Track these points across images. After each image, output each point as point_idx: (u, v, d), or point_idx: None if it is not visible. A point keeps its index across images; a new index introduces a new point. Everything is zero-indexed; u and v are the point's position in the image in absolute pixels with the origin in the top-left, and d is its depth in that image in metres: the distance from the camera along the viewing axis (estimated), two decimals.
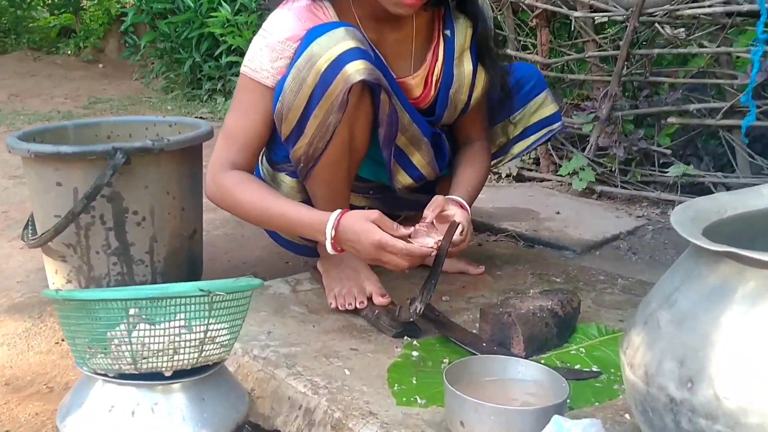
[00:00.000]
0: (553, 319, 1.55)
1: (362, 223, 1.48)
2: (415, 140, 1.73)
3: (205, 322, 1.10)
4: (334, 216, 1.51)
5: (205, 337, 1.11)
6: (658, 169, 2.73)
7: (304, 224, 1.55)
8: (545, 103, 1.94)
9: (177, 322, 1.09)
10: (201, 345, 1.12)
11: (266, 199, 1.60)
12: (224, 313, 1.14)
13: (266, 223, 1.65)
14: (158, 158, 1.75)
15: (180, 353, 1.12)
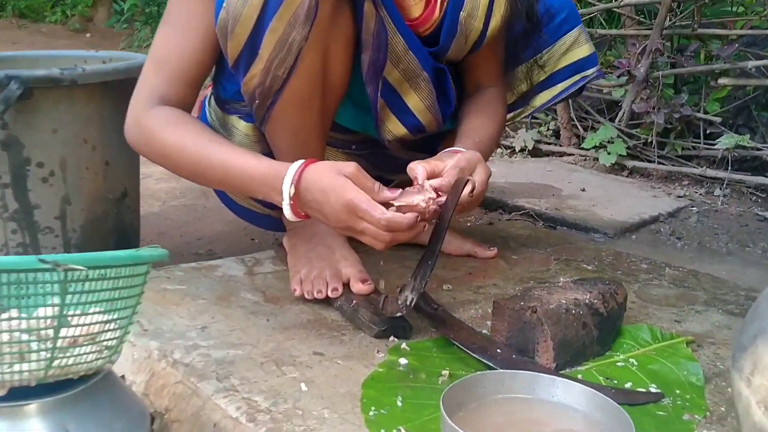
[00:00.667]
0: (593, 318, 1.13)
1: (332, 178, 1.06)
2: (412, 75, 1.30)
3: (53, 312, 0.68)
4: (294, 167, 1.09)
5: (55, 336, 0.69)
6: (702, 141, 2.30)
7: (253, 177, 1.13)
8: (578, 42, 1.52)
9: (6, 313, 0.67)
10: (52, 349, 0.70)
11: (203, 144, 1.17)
12: (94, 298, 0.72)
13: (203, 176, 1.21)
14: (71, 94, 1.32)
15: (17, 361, 0.70)
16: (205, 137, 1.19)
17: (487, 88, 1.46)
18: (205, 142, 1.18)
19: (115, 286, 0.73)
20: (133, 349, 1.08)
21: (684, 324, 1.29)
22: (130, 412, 0.84)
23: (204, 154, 1.16)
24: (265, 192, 1.13)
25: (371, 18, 1.18)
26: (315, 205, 1.08)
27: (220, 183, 1.23)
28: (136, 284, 0.77)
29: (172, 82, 1.21)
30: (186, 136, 1.18)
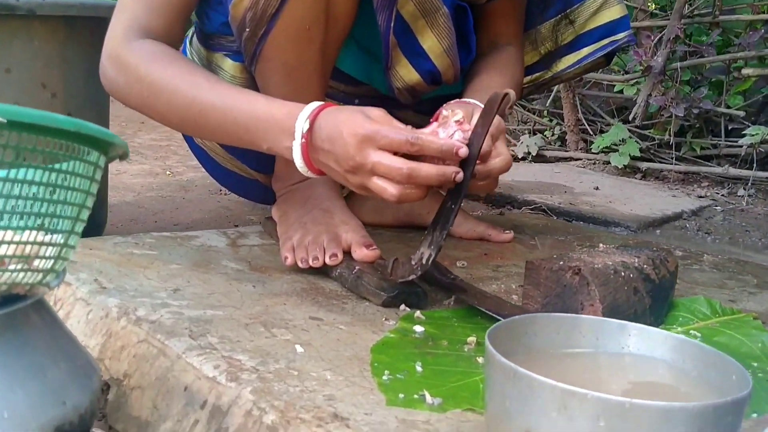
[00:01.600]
0: (645, 284, 0.95)
1: (352, 112, 0.88)
2: (430, 9, 1.12)
3: None
4: (312, 105, 0.91)
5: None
6: (724, 138, 2.14)
7: (259, 117, 0.93)
8: (609, 2, 1.35)
9: None
10: None
11: (197, 83, 0.98)
12: (19, 177, 0.52)
13: (195, 121, 1.01)
14: (29, 27, 1.13)
15: None
16: (199, 75, 1.00)
17: (505, 46, 1.28)
18: (200, 80, 0.99)
19: (53, 167, 0.53)
20: (87, 308, 0.88)
21: (740, 304, 1.10)
22: (73, 361, 0.63)
23: (199, 95, 0.97)
24: (273, 134, 0.93)
25: None
26: (327, 146, 0.88)
27: (216, 129, 1.01)
28: (86, 175, 0.57)
29: (155, 10, 1.02)
30: (176, 74, 0.98)
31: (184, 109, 0.99)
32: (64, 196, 0.56)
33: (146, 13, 1.03)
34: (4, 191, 0.51)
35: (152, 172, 2.25)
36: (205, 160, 1.32)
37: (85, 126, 0.54)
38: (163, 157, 2.59)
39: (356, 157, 0.87)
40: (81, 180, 0.58)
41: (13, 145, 0.51)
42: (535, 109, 2.75)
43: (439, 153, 0.85)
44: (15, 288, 0.56)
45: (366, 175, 0.88)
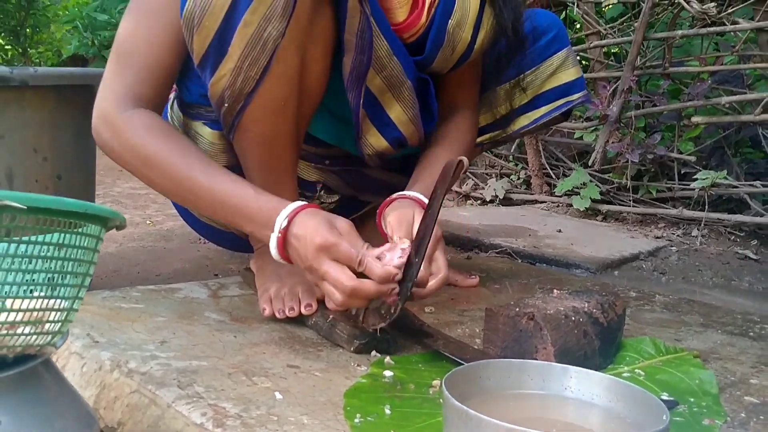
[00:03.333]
0: (594, 328, 1.04)
1: (321, 221, 0.99)
2: (395, 83, 1.21)
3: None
4: (291, 207, 1.01)
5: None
6: (677, 182, 2.26)
7: (246, 207, 1.04)
8: (565, 64, 1.45)
9: None
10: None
11: (190, 162, 1.07)
12: (37, 252, 0.60)
13: (183, 197, 1.11)
14: (21, 97, 1.21)
15: None
16: (194, 156, 1.08)
17: (460, 111, 1.37)
18: (195, 161, 1.07)
19: (62, 242, 0.61)
20: (81, 361, 0.95)
21: (685, 342, 1.20)
22: (76, 411, 0.71)
23: (192, 175, 1.06)
24: (256, 223, 1.03)
25: (355, 15, 1.09)
26: (294, 242, 0.99)
27: (205, 207, 1.10)
28: (88, 247, 0.66)
29: (143, 77, 1.10)
30: (172, 151, 1.07)
31: (176, 184, 1.08)
32: (70, 267, 0.64)
33: (135, 80, 1.11)
34: (21, 266, 0.59)
35: (132, 221, 2.32)
36: (185, 213, 1.40)
37: (91, 207, 0.63)
38: (142, 206, 2.66)
39: (312, 261, 0.97)
40: (85, 251, 0.66)
41: (29, 226, 0.59)
42: (501, 153, 2.86)
43: (379, 279, 0.95)
44: (28, 349, 0.64)
45: (318, 278, 0.99)
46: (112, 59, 1.13)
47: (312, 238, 0.97)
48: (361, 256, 0.96)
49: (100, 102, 1.12)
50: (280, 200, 1.03)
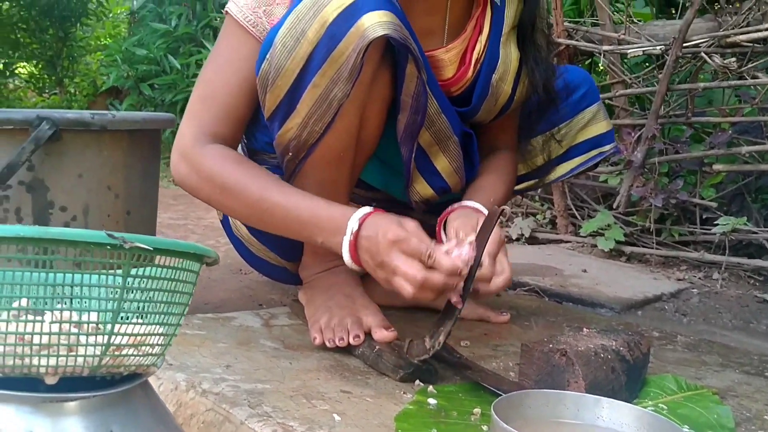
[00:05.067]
0: (621, 364, 1.13)
1: (390, 220, 1.08)
2: (442, 138, 1.32)
3: (115, 295, 0.67)
4: (362, 211, 1.11)
5: (113, 323, 0.68)
6: (699, 226, 2.35)
7: (318, 217, 1.14)
8: (596, 117, 1.56)
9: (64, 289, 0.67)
10: (108, 335, 0.68)
11: (263, 184, 1.18)
12: (151, 286, 0.71)
13: (260, 216, 1.21)
14: (99, 139, 1.34)
15: (73, 348, 0.68)
16: (266, 178, 1.20)
17: (502, 150, 1.49)
18: (268, 183, 1.19)
19: (173, 277, 0.72)
20: (158, 381, 1.05)
21: (704, 380, 1.28)
22: (169, 424, 0.81)
23: (266, 194, 1.17)
24: (328, 231, 1.13)
25: (413, 80, 1.19)
26: (365, 243, 1.09)
27: (279, 223, 1.20)
28: (190, 281, 0.77)
29: (220, 118, 1.23)
30: (245, 176, 1.19)
31: (251, 207, 1.19)
32: (177, 298, 0.75)
33: (212, 120, 1.23)
34: (146, 298, 0.70)
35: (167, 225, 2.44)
36: (241, 248, 1.51)
37: (197, 247, 0.74)
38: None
39: (384, 257, 1.06)
40: (187, 285, 0.77)
41: (150, 264, 0.70)
42: (528, 193, 2.96)
43: (447, 272, 1.05)
44: (137, 369, 0.75)
45: (390, 272, 1.07)
46: (193, 102, 1.25)
47: (384, 234, 1.06)
48: (430, 249, 1.05)
49: (179, 140, 1.24)
50: (348, 207, 1.14)
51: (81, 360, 0.68)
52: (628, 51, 2.33)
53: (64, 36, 7.80)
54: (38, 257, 0.65)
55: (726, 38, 2.11)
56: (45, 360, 0.66)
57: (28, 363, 0.66)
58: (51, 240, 0.62)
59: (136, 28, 6.42)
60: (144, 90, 5.55)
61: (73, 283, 0.67)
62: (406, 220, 1.09)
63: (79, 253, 0.65)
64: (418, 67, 1.18)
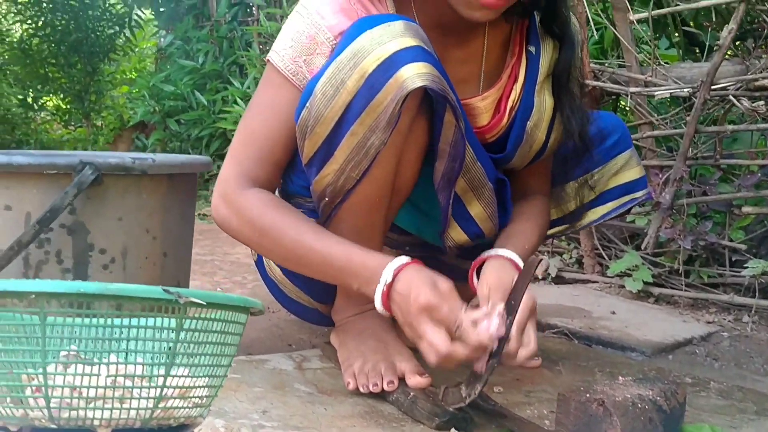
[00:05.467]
0: (658, 415, 1.12)
1: (423, 278, 1.10)
2: (477, 185, 1.34)
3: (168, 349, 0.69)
4: (397, 262, 1.13)
5: (166, 376, 0.69)
6: (728, 268, 2.33)
7: (354, 264, 1.16)
8: (629, 164, 1.57)
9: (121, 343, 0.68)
10: (160, 388, 0.70)
11: (302, 229, 1.21)
12: (202, 340, 0.72)
13: (297, 261, 1.23)
14: (139, 183, 1.37)
15: (125, 401, 0.69)
16: (304, 223, 1.22)
17: (535, 195, 1.50)
18: (305, 228, 1.21)
19: (222, 330, 0.74)
20: (197, 428, 1.06)
21: (740, 430, 1.27)
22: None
23: (303, 239, 1.19)
24: (363, 278, 1.15)
25: (450, 128, 1.21)
26: (398, 298, 1.11)
27: (315, 268, 1.23)
28: (237, 333, 0.78)
29: (260, 162, 1.26)
30: (284, 221, 1.21)
31: (289, 251, 1.22)
32: (225, 350, 0.76)
33: (253, 163, 1.26)
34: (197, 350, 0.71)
35: (203, 288, 2.46)
36: (274, 289, 1.52)
37: (246, 300, 0.75)
38: (210, 273, 2.80)
39: (413, 320, 1.08)
40: (235, 337, 0.78)
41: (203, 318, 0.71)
42: None
43: (473, 347, 1.07)
44: (185, 420, 0.76)
45: (416, 335, 1.10)
46: (234, 146, 1.28)
47: (416, 297, 1.08)
48: (459, 321, 1.07)
49: (220, 183, 1.27)
50: (384, 256, 1.16)
51: (134, 413, 0.69)
52: (656, 93, 2.34)
53: (92, 71, 7.95)
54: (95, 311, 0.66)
55: (754, 81, 2.12)
56: (99, 413, 0.68)
57: (83, 415, 0.67)
58: (112, 296, 0.64)
59: (163, 64, 6.54)
60: (171, 125, 5.63)
61: (128, 336, 0.68)
62: (440, 281, 1.11)
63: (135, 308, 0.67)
64: (456, 116, 1.20)
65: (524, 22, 1.36)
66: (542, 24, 1.35)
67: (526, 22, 1.36)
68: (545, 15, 1.34)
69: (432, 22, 1.29)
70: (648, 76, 2.40)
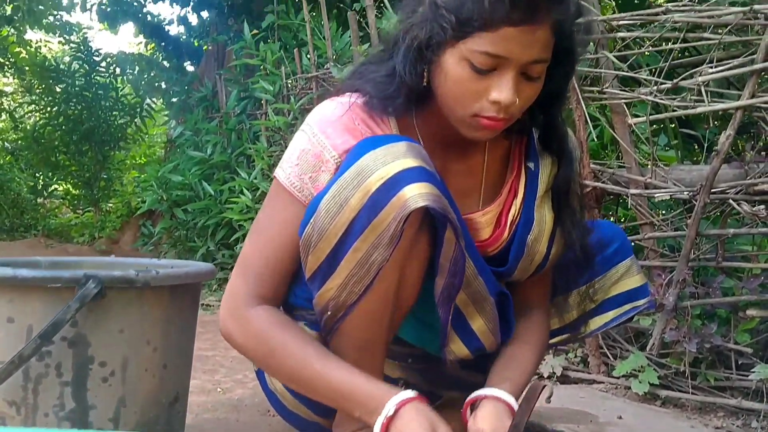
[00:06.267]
0: None
1: (421, 421, 1.12)
2: (479, 299, 1.35)
3: None
4: (400, 397, 1.15)
5: None
6: (735, 371, 2.30)
7: (356, 393, 1.18)
8: (630, 272, 1.59)
9: None
10: None
11: (308, 353, 1.23)
12: None
13: (301, 383, 1.26)
14: (141, 295, 1.37)
15: None
16: (309, 346, 1.24)
17: (534, 311, 1.49)
18: (310, 351, 1.23)
19: None
20: None
21: None
22: None
23: (308, 364, 1.21)
24: (365, 408, 1.17)
25: (451, 245, 1.23)
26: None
27: (319, 392, 1.25)
28: None
29: (268, 278, 1.29)
30: (290, 342, 1.24)
31: (294, 373, 1.24)
32: None
33: (259, 280, 1.29)
34: None
35: (204, 389, 2.43)
36: (275, 401, 1.51)
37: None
38: (211, 371, 2.77)
39: None
40: None
41: None
42: None
43: None
44: None
45: None
46: (240, 266, 1.31)
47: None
48: None
49: (228, 298, 1.29)
50: (389, 388, 1.17)
51: None
52: (656, 195, 2.37)
53: (102, 158, 8.10)
54: None
55: (753, 186, 2.14)
56: None
57: None
58: None
59: (172, 153, 6.66)
60: (177, 214, 5.68)
61: None
62: (439, 425, 1.11)
63: None
64: (456, 234, 1.21)
65: (523, 139, 1.40)
66: (540, 140, 1.39)
67: (524, 138, 1.40)
68: (543, 132, 1.38)
69: (434, 139, 1.33)
70: (648, 178, 2.43)
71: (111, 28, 9.22)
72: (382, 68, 1.29)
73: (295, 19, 5.48)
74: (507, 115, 1.21)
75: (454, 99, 1.22)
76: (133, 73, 8.58)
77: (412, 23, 1.23)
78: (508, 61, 1.17)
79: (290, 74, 4.86)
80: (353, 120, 1.28)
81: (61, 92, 7.92)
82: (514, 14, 1.13)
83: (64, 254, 7.16)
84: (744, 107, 2.14)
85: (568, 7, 1.18)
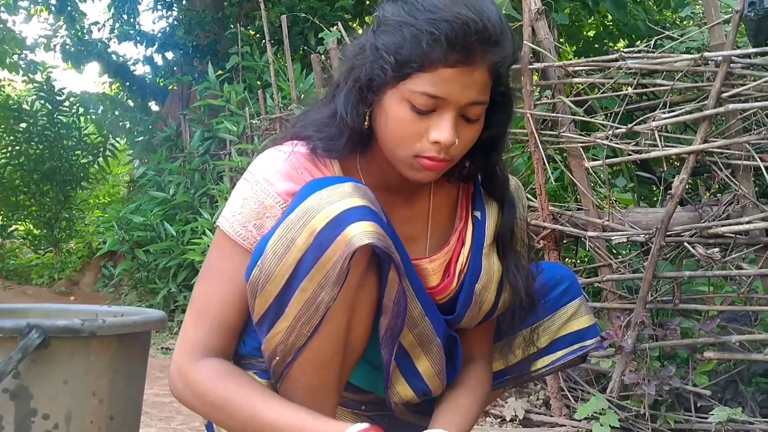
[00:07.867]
0: None
1: None
2: (425, 341, 1.33)
3: None
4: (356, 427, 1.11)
5: None
6: (694, 413, 2.31)
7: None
8: (578, 313, 1.58)
9: None
10: None
11: (254, 400, 1.19)
12: None
13: None
14: (87, 345, 1.33)
15: None
16: (256, 394, 1.21)
17: (478, 360, 1.48)
18: (257, 398, 1.20)
19: None
20: None
21: None
22: None
23: (256, 413, 1.18)
24: None
25: (394, 285, 1.22)
26: None
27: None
28: None
29: (214, 332, 1.25)
30: (236, 391, 1.20)
31: (243, 423, 1.20)
32: None
33: (206, 333, 1.26)
34: None
35: None
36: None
37: None
38: (167, 418, 2.71)
39: None
40: None
41: None
42: None
43: None
44: None
45: None
46: (188, 316, 1.29)
47: None
48: None
49: (176, 356, 1.26)
50: (339, 423, 1.14)
51: None
52: (613, 237, 2.39)
53: (64, 198, 7.99)
54: None
55: (708, 229, 2.18)
56: None
57: None
58: None
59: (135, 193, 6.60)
60: (139, 255, 5.61)
61: None
62: None
63: None
64: (400, 275, 1.21)
65: (469, 187, 1.41)
66: (483, 186, 1.40)
67: (471, 186, 1.41)
68: (485, 178, 1.39)
69: (378, 183, 1.33)
70: (605, 221, 2.46)
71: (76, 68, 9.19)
72: (324, 111, 1.30)
73: (259, 60, 5.52)
74: (447, 156, 1.22)
75: (396, 140, 1.23)
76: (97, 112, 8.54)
77: (354, 65, 1.24)
78: (447, 102, 1.18)
79: (254, 115, 4.87)
80: (296, 168, 1.27)
81: (23, 131, 7.83)
82: (450, 55, 1.15)
83: (23, 296, 7.02)
84: (696, 152, 2.19)
85: (504, 51, 1.20)
